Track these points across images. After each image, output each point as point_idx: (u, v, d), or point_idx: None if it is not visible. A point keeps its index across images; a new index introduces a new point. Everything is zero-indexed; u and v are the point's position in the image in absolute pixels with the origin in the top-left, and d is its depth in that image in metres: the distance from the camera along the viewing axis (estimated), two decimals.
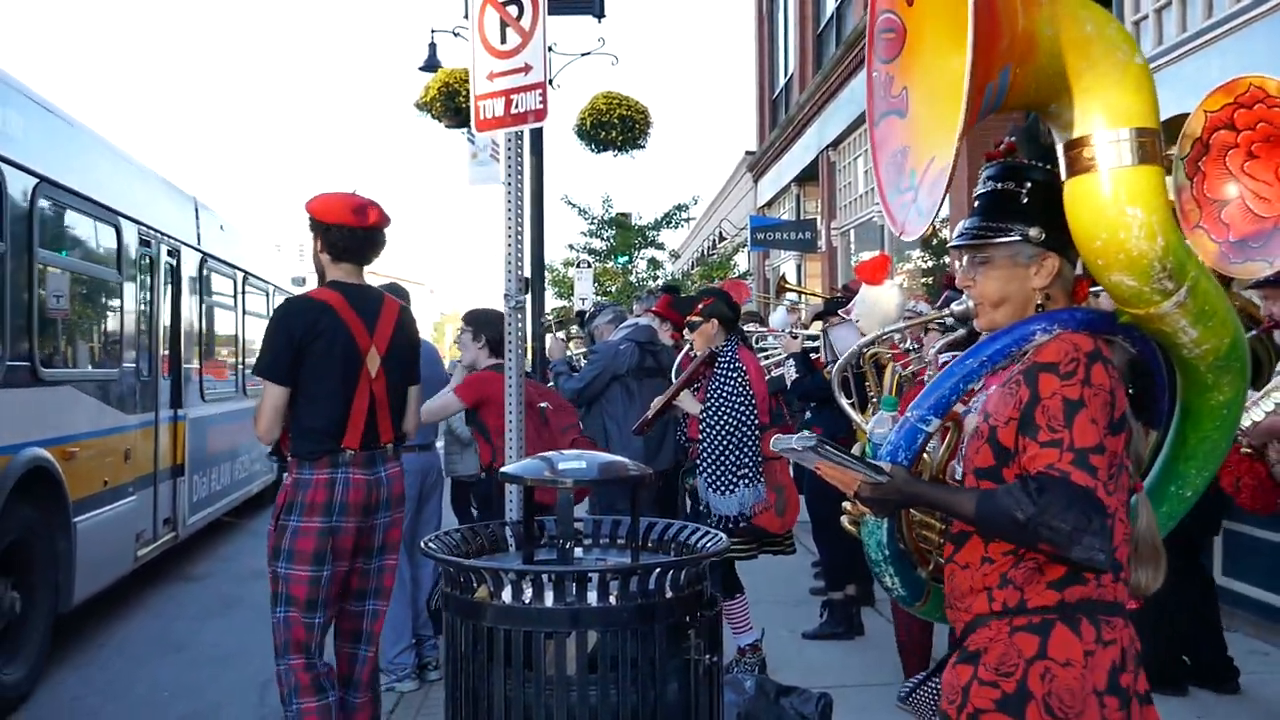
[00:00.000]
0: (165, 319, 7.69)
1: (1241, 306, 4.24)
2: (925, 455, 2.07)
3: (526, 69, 3.59)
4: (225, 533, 9.76)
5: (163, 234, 7.60)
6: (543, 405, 4.84)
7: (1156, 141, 1.79)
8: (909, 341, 4.89)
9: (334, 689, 3.46)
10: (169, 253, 7.82)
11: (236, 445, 9.37)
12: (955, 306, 2.11)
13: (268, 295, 11.32)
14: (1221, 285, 2.22)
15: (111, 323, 6.65)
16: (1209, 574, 4.92)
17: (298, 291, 12.88)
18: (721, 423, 4.54)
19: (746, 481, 4.47)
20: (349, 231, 3.44)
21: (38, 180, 5.36)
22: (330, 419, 3.38)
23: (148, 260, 7.35)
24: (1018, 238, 1.93)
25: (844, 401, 3.66)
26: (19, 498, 4.90)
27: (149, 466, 6.91)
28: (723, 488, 4.50)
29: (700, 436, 4.64)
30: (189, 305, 8.30)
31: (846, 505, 2.12)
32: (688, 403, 4.80)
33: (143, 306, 7.19)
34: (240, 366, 10.04)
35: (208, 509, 8.43)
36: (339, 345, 3.38)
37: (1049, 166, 1.94)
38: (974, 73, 1.64)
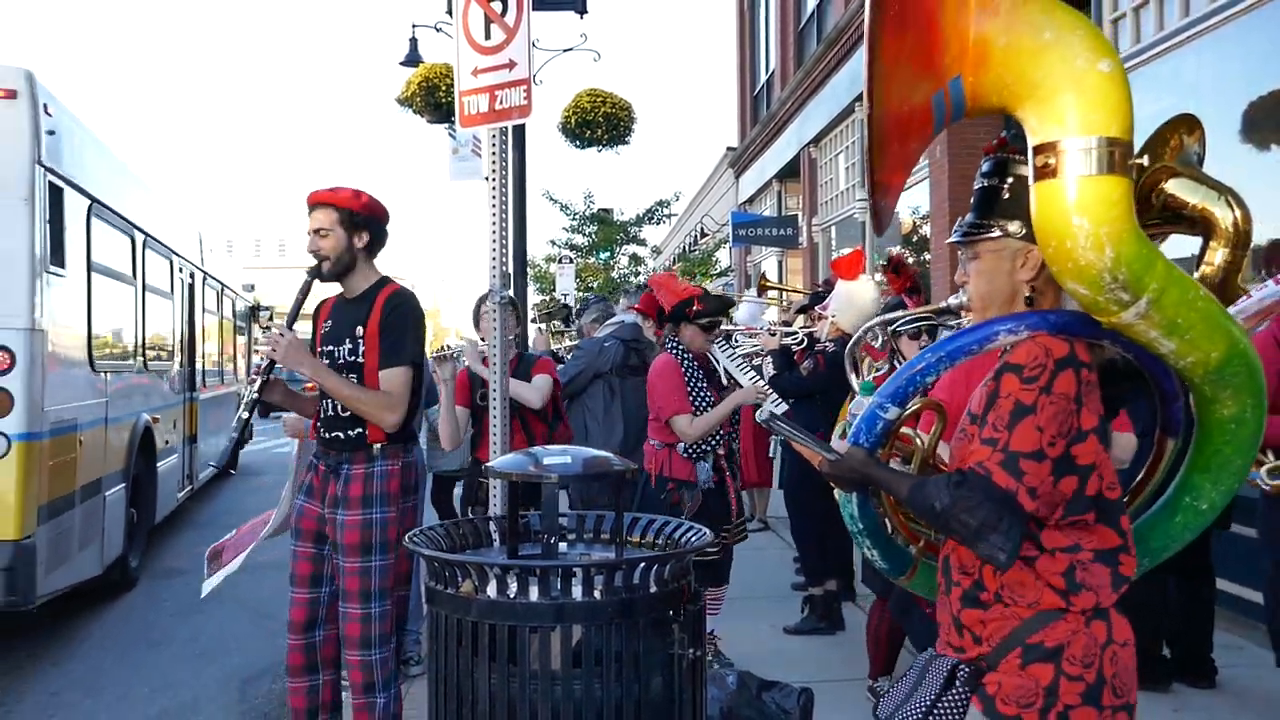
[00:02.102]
0: (186, 325, 10.17)
1: None
2: (917, 440, 2.14)
3: (511, 65, 3.59)
4: (203, 529, 9.74)
5: (188, 261, 10.25)
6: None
7: (1120, 151, 1.77)
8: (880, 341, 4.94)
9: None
10: (189, 275, 10.44)
11: (219, 423, 11.66)
12: (952, 300, 2.16)
13: (233, 301, 14.03)
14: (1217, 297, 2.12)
15: (168, 328, 9.27)
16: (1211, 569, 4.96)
17: (249, 296, 16.04)
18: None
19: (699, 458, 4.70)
20: (387, 231, 3.67)
21: (145, 236, 8.12)
22: (416, 405, 3.64)
23: (182, 284, 9.96)
24: (998, 233, 1.97)
25: (854, 380, 3.74)
26: (148, 449, 7.65)
27: (182, 434, 9.58)
28: (695, 455, 4.66)
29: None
30: (197, 314, 10.82)
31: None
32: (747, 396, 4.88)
33: (180, 316, 9.86)
34: (220, 361, 12.56)
35: (205, 471, 10.88)
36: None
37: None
38: (872, 85, 1.69)
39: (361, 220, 3.52)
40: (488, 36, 3.66)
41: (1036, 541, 1.88)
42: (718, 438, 4.67)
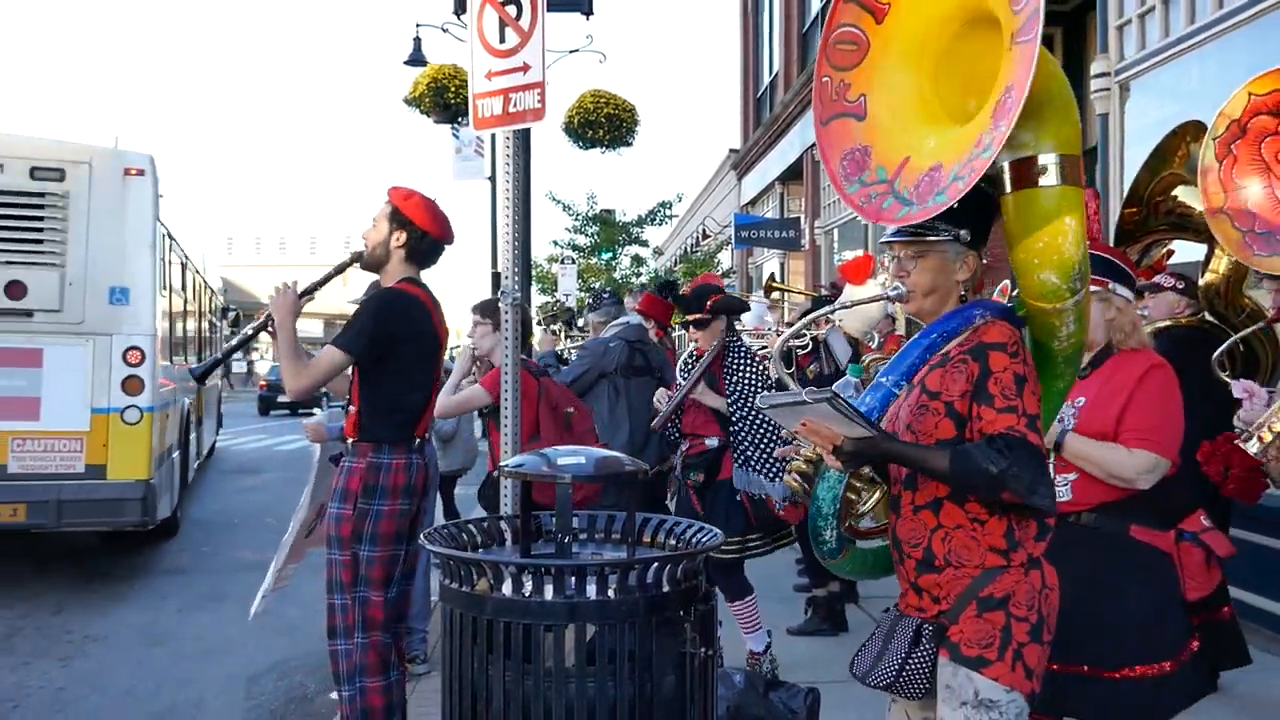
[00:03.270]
0: (196, 326, 12.45)
1: (1254, 308, 4.23)
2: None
3: (525, 68, 3.61)
4: (203, 528, 9.77)
5: (199, 272, 12.73)
6: (569, 410, 4.85)
7: (1080, 168, 2.15)
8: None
9: (396, 667, 3.57)
10: (199, 284, 12.88)
11: (211, 405, 14.55)
12: (890, 291, 2.37)
13: (214, 303, 16.39)
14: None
15: (192, 329, 11.74)
16: None
17: (221, 297, 18.51)
18: (756, 412, 4.54)
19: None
20: (436, 244, 3.66)
21: (184, 258, 10.84)
22: (415, 409, 3.59)
23: (195, 292, 12.19)
24: (950, 237, 2.25)
25: (784, 371, 3.78)
26: (186, 425, 10.04)
27: (199, 415, 11.84)
28: (773, 473, 4.51)
29: (735, 429, 4.62)
30: (204, 317, 13.61)
31: (795, 461, 2.39)
32: (710, 397, 4.74)
33: (195, 319, 12.19)
34: (210, 355, 15.09)
35: (208, 441, 13.96)
36: (431, 339, 3.63)
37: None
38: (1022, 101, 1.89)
39: (402, 220, 3.57)
40: (502, 40, 3.68)
41: (987, 506, 2.16)
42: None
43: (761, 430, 4.55)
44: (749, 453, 4.58)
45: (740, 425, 4.61)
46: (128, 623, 6.33)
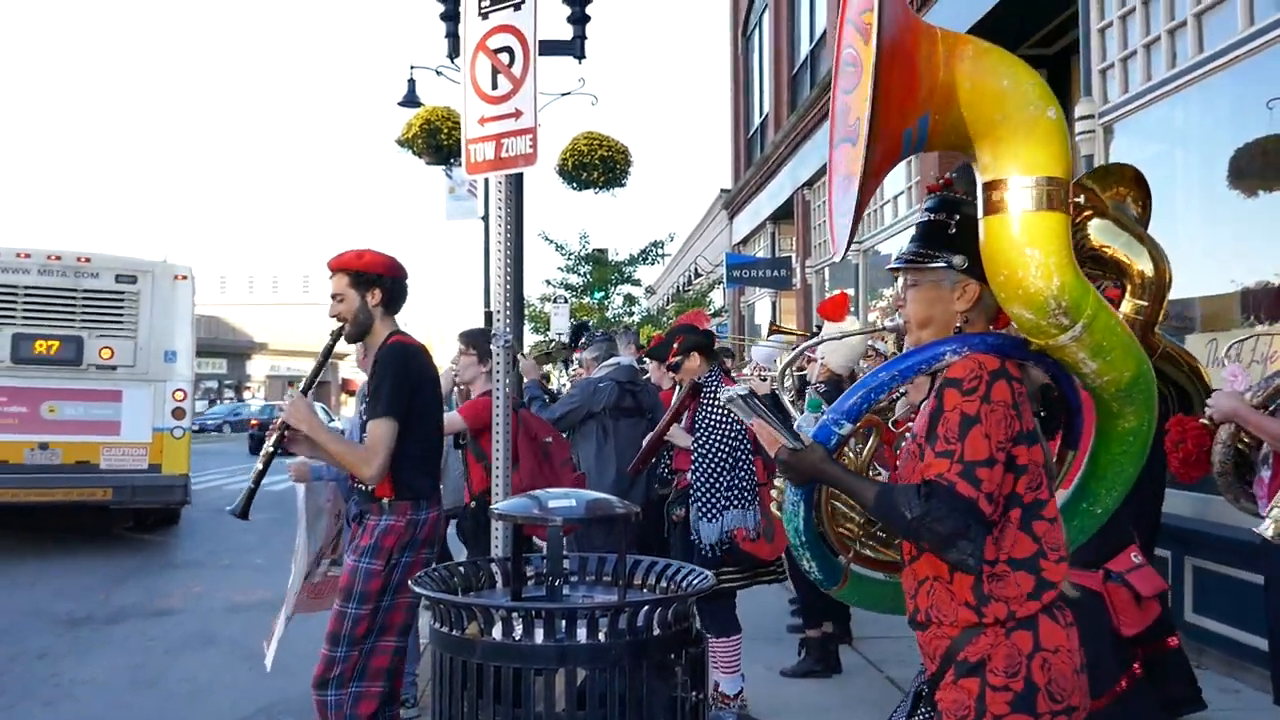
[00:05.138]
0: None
1: (1170, 349, 4.28)
2: (850, 455, 2.29)
3: (517, 114, 3.66)
4: (192, 568, 9.72)
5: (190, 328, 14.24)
6: (546, 440, 4.86)
7: (1062, 190, 1.96)
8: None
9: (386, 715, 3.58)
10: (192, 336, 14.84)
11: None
12: (888, 323, 2.26)
13: None
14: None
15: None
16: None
17: None
18: (714, 449, 4.57)
19: (737, 506, 4.51)
20: (403, 285, 3.69)
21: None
22: (439, 451, 3.69)
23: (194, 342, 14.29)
24: (943, 264, 2.11)
25: (785, 398, 3.81)
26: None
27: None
28: (711, 514, 4.52)
29: (692, 465, 4.66)
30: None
31: (771, 491, 2.32)
32: (679, 437, 4.82)
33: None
34: None
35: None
36: (437, 384, 3.71)
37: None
38: (873, 121, 1.83)
39: (369, 278, 3.59)
40: (495, 86, 3.73)
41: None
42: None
43: (714, 469, 4.57)
44: (692, 493, 4.63)
45: (696, 463, 4.64)
46: (116, 665, 6.27)
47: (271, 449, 3.56)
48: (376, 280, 3.60)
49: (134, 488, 10.59)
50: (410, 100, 14.21)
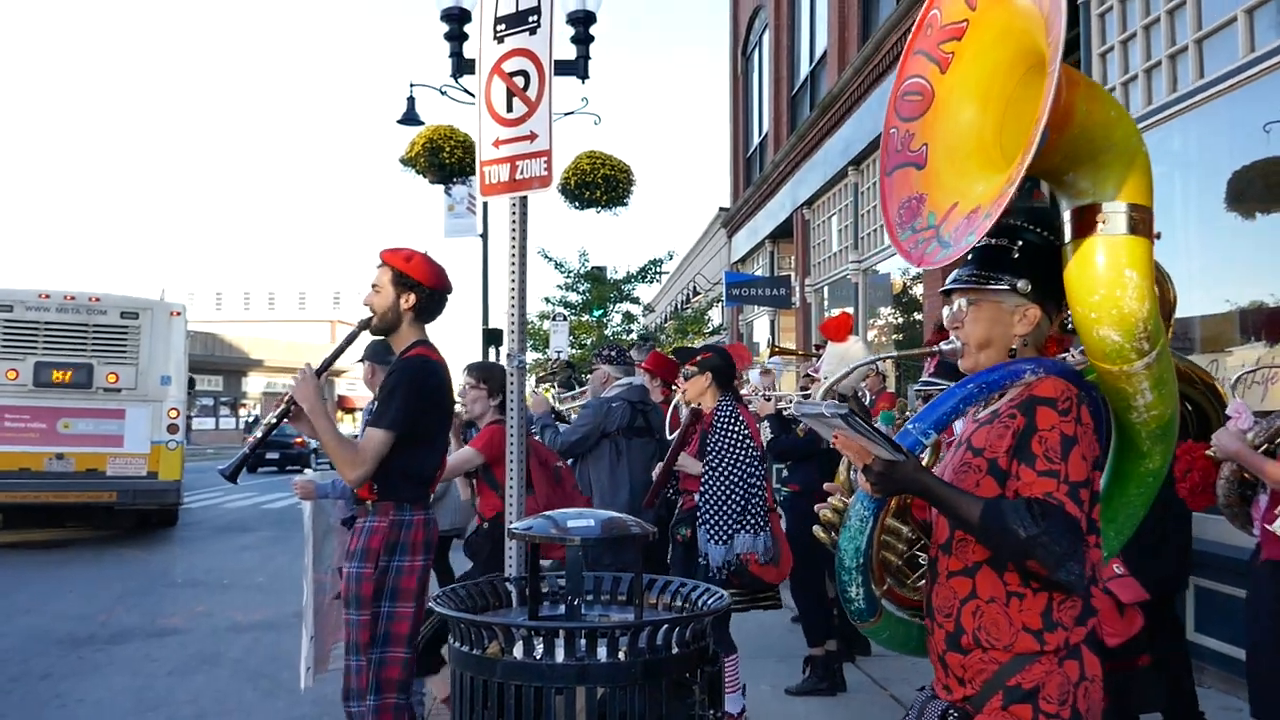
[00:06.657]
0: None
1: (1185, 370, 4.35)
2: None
3: (532, 137, 3.69)
4: (194, 588, 9.70)
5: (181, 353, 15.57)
6: (558, 465, 4.88)
7: (1149, 219, 2.01)
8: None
9: None
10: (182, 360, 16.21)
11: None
12: (944, 346, 2.27)
13: None
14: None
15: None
16: (1181, 625, 5.00)
17: None
18: (726, 474, 4.58)
19: (749, 530, 4.53)
20: (443, 298, 3.71)
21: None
22: (433, 471, 3.69)
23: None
24: (1007, 287, 2.12)
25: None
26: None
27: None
28: (720, 537, 4.54)
29: (702, 489, 4.66)
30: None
31: (822, 509, 2.30)
32: (690, 465, 4.80)
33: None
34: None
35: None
36: (450, 406, 3.74)
37: (1040, 230, 2.14)
38: (1041, 133, 1.83)
39: (409, 281, 3.60)
40: (510, 109, 3.77)
41: (1023, 578, 1.98)
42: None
43: (724, 493, 4.59)
44: (701, 515, 4.63)
45: (706, 487, 4.65)
46: (120, 686, 6.25)
47: (274, 419, 3.56)
48: (415, 286, 3.60)
49: (135, 491, 12.68)
50: (410, 118, 14.26)
